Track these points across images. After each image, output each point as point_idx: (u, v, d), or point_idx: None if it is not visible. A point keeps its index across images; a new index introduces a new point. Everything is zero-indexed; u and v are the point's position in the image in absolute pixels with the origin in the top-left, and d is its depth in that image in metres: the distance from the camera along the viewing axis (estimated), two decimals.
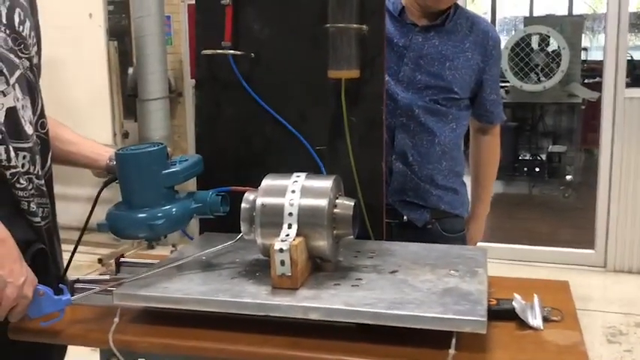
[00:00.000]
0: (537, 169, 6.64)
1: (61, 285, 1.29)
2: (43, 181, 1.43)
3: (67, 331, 1.31)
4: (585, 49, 7.48)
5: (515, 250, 4.76)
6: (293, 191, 1.32)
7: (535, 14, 9.98)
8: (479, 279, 1.30)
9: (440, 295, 1.23)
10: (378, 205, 1.61)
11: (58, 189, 1.52)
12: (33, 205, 1.37)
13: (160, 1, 4.72)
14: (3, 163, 1.30)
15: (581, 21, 7.32)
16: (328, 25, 1.54)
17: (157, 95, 4.85)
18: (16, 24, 1.38)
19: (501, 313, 1.28)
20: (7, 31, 1.36)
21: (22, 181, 1.34)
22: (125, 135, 4.81)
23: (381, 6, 1.58)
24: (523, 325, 1.27)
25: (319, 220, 1.30)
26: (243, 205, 1.36)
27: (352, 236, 1.35)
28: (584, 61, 7.16)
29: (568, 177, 6.50)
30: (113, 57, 4.69)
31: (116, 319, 1.31)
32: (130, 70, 5.00)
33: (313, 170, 1.55)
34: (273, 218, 1.31)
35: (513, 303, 1.29)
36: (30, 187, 1.37)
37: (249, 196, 1.36)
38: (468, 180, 2.14)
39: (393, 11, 1.92)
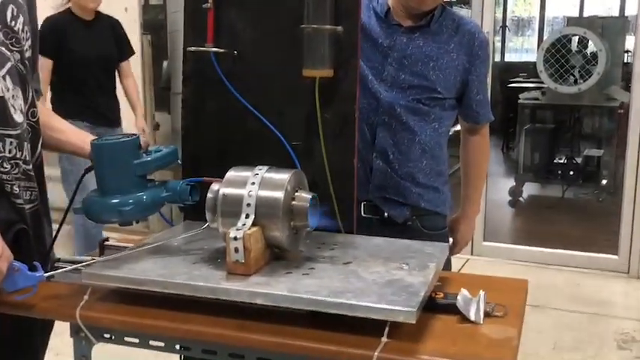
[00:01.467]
0: (572, 173, 6.57)
1: (35, 262, 1.40)
2: (31, 167, 1.54)
3: (41, 305, 1.41)
4: (628, 51, 7.34)
5: (537, 253, 4.75)
6: (253, 183, 1.40)
7: (585, 15, 9.82)
8: (425, 273, 1.36)
9: (381, 286, 1.29)
10: (349, 199, 1.68)
11: None
12: (16, 188, 1.48)
13: None
14: None
15: (624, 22, 7.18)
16: (304, 26, 1.61)
17: None
18: (8, 19, 1.49)
19: (445, 307, 1.34)
20: None
21: (5, 165, 1.45)
22: (156, 127, 4.96)
23: (356, 8, 1.64)
24: (465, 318, 1.32)
25: (275, 211, 1.37)
26: (208, 195, 1.44)
27: (310, 228, 1.42)
28: (627, 64, 7.02)
29: (603, 181, 6.42)
30: (147, 51, 4.85)
31: (85, 297, 1.41)
32: (165, 64, 5.16)
33: (290, 164, 1.63)
34: (232, 208, 1.39)
35: (457, 297, 1.34)
36: (15, 171, 1.48)
37: (214, 186, 1.45)
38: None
39: (379, 12, 1.97)
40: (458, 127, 2.24)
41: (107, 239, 1.68)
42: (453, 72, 1.96)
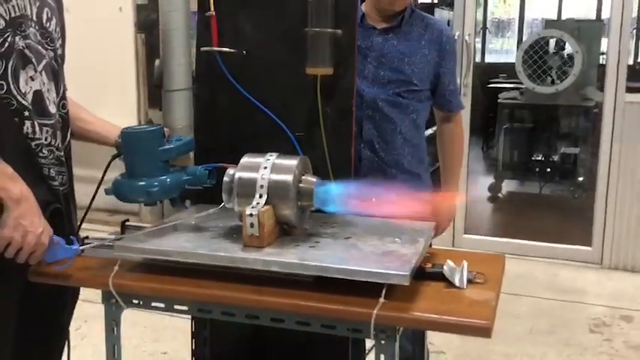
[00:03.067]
0: (549, 170, 6.81)
1: (72, 237, 1.58)
2: (62, 153, 1.72)
3: (76, 275, 1.59)
4: (604, 53, 7.60)
5: (516, 245, 4.95)
6: (265, 168, 1.59)
7: (563, 17, 10.09)
8: (416, 246, 1.56)
9: (379, 255, 1.49)
10: None
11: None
12: (52, 172, 1.66)
13: None
14: (29, 136, 1.60)
15: (600, 26, 7.45)
16: (307, 29, 1.81)
17: (181, 86, 5.13)
18: (44, 21, 1.67)
19: (433, 275, 1.54)
20: (37, 27, 1.64)
21: (44, 151, 1.63)
22: (149, 123, 5.12)
23: (353, 13, 1.84)
24: (450, 284, 1.52)
25: (285, 192, 1.57)
26: (224, 178, 1.63)
27: (314, 207, 1.62)
28: (602, 65, 7.27)
29: (579, 178, 6.67)
30: (140, 49, 5.00)
31: (116, 268, 1.59)
32: (157, 62, 5.30)
33: (294, 153, 1.82)
34: (247, 190, 1.58)
35: (444, 267, 1.54)
36: (51, 156, 1.66)
37: (230, 171, 1.63)
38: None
39: None
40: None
41: (127, 220, 1.86)
42: (426, 66, 2.20)
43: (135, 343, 3.41)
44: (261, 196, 1.56)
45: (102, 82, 4.91)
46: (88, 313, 1.93)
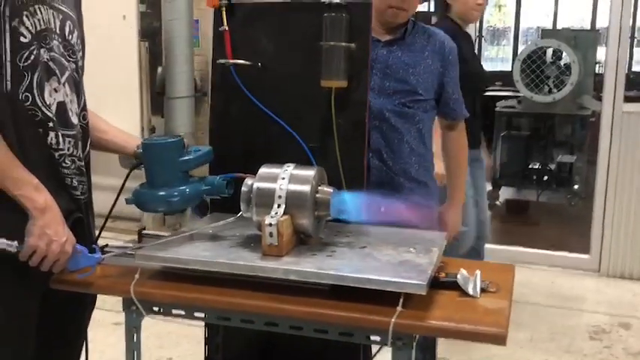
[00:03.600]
0: (546, 178, 6.87)
1: (94, 245, 1.61)
2: (83, 163, 1.76)
3: (98, 283, 1.63)
4: (599, 62, 7.67)
5: (515, 253, 5.00)
6: (283, 178, 1.63)
7: (559, 26, 10.19)
8: (431, 256, 1.60)
9: (395, 265, 1.53)
10: None
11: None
12: (75, 182, 1.70)
13: (189, 6, 5.06)
14: (53, 147, 1.63)
15: (596, 35, 7.53)
16: (322, 42, 1.86)
17: (184, 94, 5.17)
18: (67, 33, 1.71)
19: (447, 284, 1.58)
20: (60, 39, 1.68)
21: (67, 161, 1.67)
22: (152, 130, 5.15)
23: (367, 28, 1.89)
24: (464, 293, 1.56)
25: (302, 203, 1.61)
26: (243, 188, 1.67)
27: (330, 217, 1.66)
28: (598, 75, 7.35)
29: (576, 186, 6.73)
30: (144, 57, 5.03)
31: (137, 276, 1.62)
32: (159, 70, 5.34)
33: (307, 163, 1.86)
34: (266, 200, 1.62)
35: (458, 276, 1.58)
36: (73, 166, 1.70)
37: (248, 181, 1.67)
38: None
39: None
40: None
41: (144, 228, 1.90)
42: (430, 76, 2.26)
43: None
44: (279, 206, 1.60)
45: (105, 88, 4.92)
46: (91, 319, 1.96)
